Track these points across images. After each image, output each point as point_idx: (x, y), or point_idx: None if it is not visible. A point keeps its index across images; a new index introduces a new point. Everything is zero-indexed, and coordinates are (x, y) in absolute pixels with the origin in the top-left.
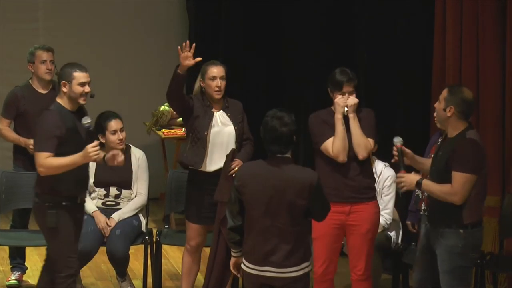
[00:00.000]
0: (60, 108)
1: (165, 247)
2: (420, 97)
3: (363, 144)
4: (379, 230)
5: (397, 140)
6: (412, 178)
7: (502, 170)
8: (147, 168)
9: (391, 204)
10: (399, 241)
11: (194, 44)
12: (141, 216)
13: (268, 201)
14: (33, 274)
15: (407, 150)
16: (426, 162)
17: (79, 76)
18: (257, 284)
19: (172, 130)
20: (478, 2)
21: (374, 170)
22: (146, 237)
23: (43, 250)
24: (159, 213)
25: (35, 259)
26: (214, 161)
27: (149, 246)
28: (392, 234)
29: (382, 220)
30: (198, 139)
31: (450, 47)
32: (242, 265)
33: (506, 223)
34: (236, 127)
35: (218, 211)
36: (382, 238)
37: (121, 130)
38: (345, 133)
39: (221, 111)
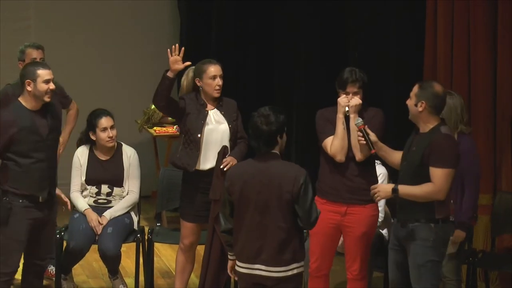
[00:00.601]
0: (18, 107)
1: (157, 245)
2: None
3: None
4: None
5: (359, 122)
6: (385, 186)
7: (493, 168)
8: (139, 165)
9: (383, 202)
10: None
11: (183, 48)
12: (133, 214)
13: (256, 197)
14: None
15: (370, 132)
16: (389, 152)
17: (44, 73)
18: (250, 284)
19: (164, 128)
20: (469, 2)
21: None
22: (138, 235)
23: None
24: (150, 211)
25: None
26: (208, 159)
27: (141, 244)
28: (384, 232)
29: None
30: (191, 141)
31: (441, 46)
32: (236, 266)
33: (498, 220)
34: (230, 125)
35: (212, 210)
36: (373, 236)
37: (112, 127)
38: (345, 133)
39: (215, 109)
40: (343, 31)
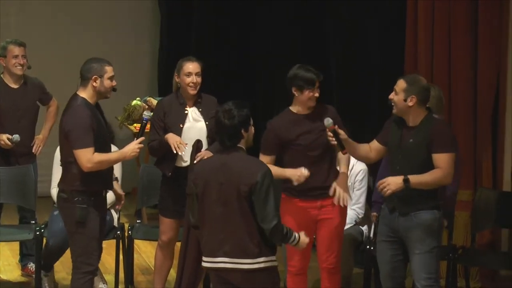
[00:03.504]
0: (86, 103)
1: (137, 242)
2: None
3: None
4: (351, 224)
5: (329, 123)
6: (395, 179)
7: (474, 165)
8: (121, 163)
9: (363, 198)
10: (371, 235)
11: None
12: (113, 211)
13: (218, 189)
14: (4, 269)
15: (341, 131)
16: (356, 146)
17: (110, 70)
18: (215, 277)
19: None
20: (450, 2)
21: None
22: (118, 232)
23: (15, 246)
24: (131, 208)
25: (7, 254)
26: (187, 157)
27: (121, 241)
28: (364, 228)
29: (354, 214)
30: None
31: (422, 45)
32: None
33: (478, 217)
34: (207, 122)
35: (188, 205)
36: (354, 232)
37: None
38: None
39: (194, 107)
40: (323, 31)
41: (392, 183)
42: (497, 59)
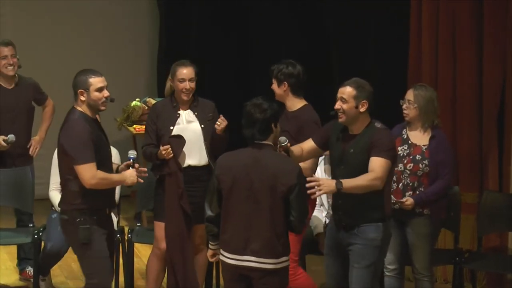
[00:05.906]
0: (84, 116)
1: (137, 246)
2: (397, 100)
3: None
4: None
5: (286, 143)
6: (329, 181)
7: (480, 167)
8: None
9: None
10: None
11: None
12: (112, 214)
13: (250, 187)
14: (2, 273)
15: (291, 148)
16: (294, 155)
17: (96, 81)
18: (236, 275)
19: (144, 126)
20: (454, 3)
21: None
22: (118, 236)
23: (12, 249)
24: (130, 211)
25: (4, 258)
26: (180, 159)
27: (120, 244)
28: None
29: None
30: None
31: (426, 47)
32: (221, 256)
33: (484, 220)
34: (202, 125)
35: (167, 185)
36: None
37: None
38: None
39: (188, 110)
40: (324, 32)
41: (326, 184)
42: (503, 60)
